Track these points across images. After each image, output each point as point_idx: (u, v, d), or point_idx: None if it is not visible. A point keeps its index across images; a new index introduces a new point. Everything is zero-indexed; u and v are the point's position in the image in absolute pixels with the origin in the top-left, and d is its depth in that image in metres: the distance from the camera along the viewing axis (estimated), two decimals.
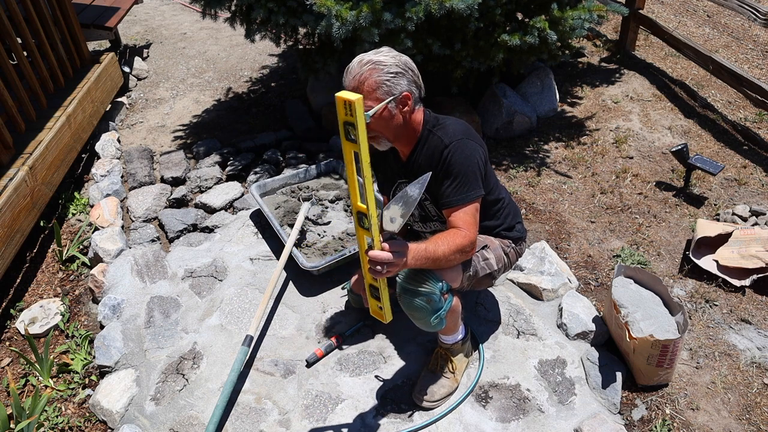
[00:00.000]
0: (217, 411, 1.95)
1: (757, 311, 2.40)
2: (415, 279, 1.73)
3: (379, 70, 1.63)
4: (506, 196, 2.06)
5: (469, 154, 1.72)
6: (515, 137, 3.63)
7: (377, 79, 1.63)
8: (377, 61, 1.63)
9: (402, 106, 1.70)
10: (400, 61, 1.66)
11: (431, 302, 1.74)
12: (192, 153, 3.62)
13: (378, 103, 1.64)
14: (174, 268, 2.66)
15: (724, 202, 3.02)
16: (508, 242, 2.04)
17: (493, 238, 2.02)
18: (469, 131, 1.80)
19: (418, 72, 1.72)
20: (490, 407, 2.01)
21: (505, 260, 2.02)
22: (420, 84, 1.74)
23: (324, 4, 2.72)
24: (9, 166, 2.75)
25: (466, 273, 1.86)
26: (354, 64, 1.66)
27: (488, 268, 1.94)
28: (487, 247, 1.96)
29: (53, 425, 2.07)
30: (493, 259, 1.96)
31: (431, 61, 3.35)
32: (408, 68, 1.68)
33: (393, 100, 1.66)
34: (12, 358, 2.38)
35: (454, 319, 1.94)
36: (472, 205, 1.74)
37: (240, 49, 5.12)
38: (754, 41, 4.69)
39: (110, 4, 4.50)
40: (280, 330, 2.34)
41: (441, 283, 1.74)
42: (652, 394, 2.09)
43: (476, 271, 1.91)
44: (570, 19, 3.07)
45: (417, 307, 1.74)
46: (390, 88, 1.65)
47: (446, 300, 1.78)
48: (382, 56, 1.65)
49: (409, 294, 1.74)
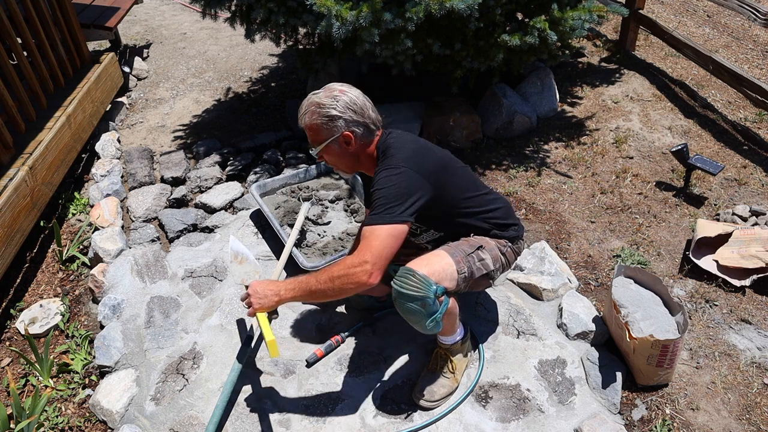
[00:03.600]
0: (217, 411, 1.95)
1: (757, 311, 2.40)
2: (409, 283, 1.71)
3: (318, 114, 1.78)
4: (493, 198, 2.02)
5: (391, 183, 1.71)
6: (515, 137, 3.63)
7: (317, 122, 1.79)
8: (318, 104, 1.78)
9: (346, 145, 1.82)
10: (339, 104, 1.76)
11: (426, 306, 1.73)
12: (192, 153, 3.62)
13: (321, 142, 1.81)
14: (174, 268, 2.66)
15: (724, 202, 3.02)
16: (504, 242, 2.02)
17: (489, 239, 2.00)
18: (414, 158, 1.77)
19: (363, 108, 1.80)
20: (490, 407, 2.01)
21: (503, 260, 2.01)
22: (366, 120, 1.81)
23: (324, 4, 2.72)
24: (9, 166, 2.75)
25: (461, 275, 1.85)
26: (304, 103, 1.82)
27: (484, 268, 1.92)
28: (483, 247, 1.95)
29: (53, 425, 2.07)
30: (489, 260, 1.95)
31: (431, 61, 3.35)
32: (348, 109, 1.77)
33: (334, 141, 1.80)
34: (12, 358, 2.38)
35: (451, 320, 1.93)
36: (379, 226, 1.67)
37: (240, 49, 5.12)
38: (754, 41, 4.69)
39: (110, 4, 4.50)
40: (280, 330, 2.34)
41: (435, 287, 1.73)
42: (652, 394, 2.09)
43: (472, 272, 1.89)
44: (570, 20, 3.07)
45: (412, 310, 1.74)
46: (329, 130, 1.79)
47: (442, 303, 1.77)
48: (324, 98, 1.78)
49: (404, 298, 1.72)
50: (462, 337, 2.06)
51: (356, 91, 1.84)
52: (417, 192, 1.74)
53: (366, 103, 1.84)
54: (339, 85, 1.84)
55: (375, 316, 2.36)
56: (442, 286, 1.76)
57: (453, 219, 1.97)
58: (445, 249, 1.89)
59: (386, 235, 1.65)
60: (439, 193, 1.82)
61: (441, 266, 1.79)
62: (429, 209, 1.81)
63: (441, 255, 1.84)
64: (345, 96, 1.79)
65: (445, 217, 1.97)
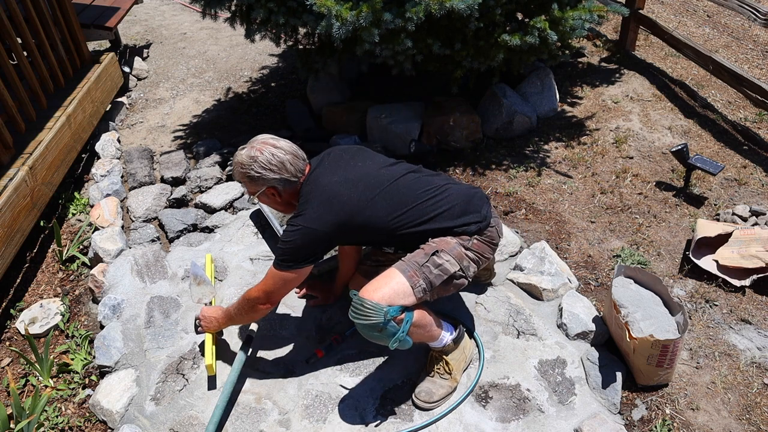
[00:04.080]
0: (217, 411, 1.95)
1: (757, 311, 2.40)
2: (360, 311, 1.75)
3: (241, 173, 1.93)
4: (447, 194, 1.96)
5: (289, 239, 1.86)
6: (515, 137, 3.64)
7: (242, 180, 1.96)
8: (240, 164, 1.92)
9: (273, 195, 1.97)
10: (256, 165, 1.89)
11: (383, 330, 1.75)
12: (192, 153, 3.62)
13: (253, 194, 1.98)
14: (174, 268, 2.66)
15: (724, 202, 3.02)
16: (466, 237, 1.95)
17: (449, 238, 1.94)
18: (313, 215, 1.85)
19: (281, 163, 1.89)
20: (490, 407, 2.01)
21: (470, 255, 1.95)
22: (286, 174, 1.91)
23: (324, 4, 2.72)
24: (9, 166, 2.75)
25: (417, 288, 1.82)
26: (235, 159, 1.95)
27: (444, 273, 1.87)
28: (439, 251, 1.89)
29: (53, 425, 2.07)
30: (449, 262, 1.89)
31: (431, 61, 3.35)
32: (264, 169, 1.89)
33: (262, 194, 1.96)
34: (12, 358, 2.38)
35: (424, 331, 1.90)
36: (275, 272, 1.89)
37: (240, 49, 5.12)
38: (754, 41, 4.69)
39: (110, 4, 4.50)
40: (280, 330, 2.34)
41: (386, 310, 1.73)
42: (652, 394, 2.09)
43: (430, 282, 1.85)
44: (570, 20, 3.07)
45: (372, 336, 1.79)
46: (254, 187, 1.95)
47: (402, 322, 1.78)
48: (246, 157, 1.90)
49: (360, 327, 1.78)
50: (453, 337, 2.04)
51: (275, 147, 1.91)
52: (313, 247, 1.87)
53: (284, 156, 1.90)
54: (260, 142, 1.92)
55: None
56: (396, 306, 1.76)
57: (392, 237, 1.94)
58: (398, 266, 1.87)
59: (278, 279, 1.90)
60: (353, 231, 1.89)
61: (391, 288, 1.79)
62: (354, 239, 1.98)
63: (391, 275, 1.84)
64: (262, 156, 1.89)
65: (386, 238, 1.98)
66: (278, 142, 1.93)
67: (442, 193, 1.98)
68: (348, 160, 1.99)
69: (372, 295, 1.76)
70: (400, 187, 1.94)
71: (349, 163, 1.98)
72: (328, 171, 1.95)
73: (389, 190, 1.92)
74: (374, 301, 1.74)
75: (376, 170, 1.96)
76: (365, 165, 1.98)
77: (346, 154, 2.03)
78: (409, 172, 2.00)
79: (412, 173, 2.01)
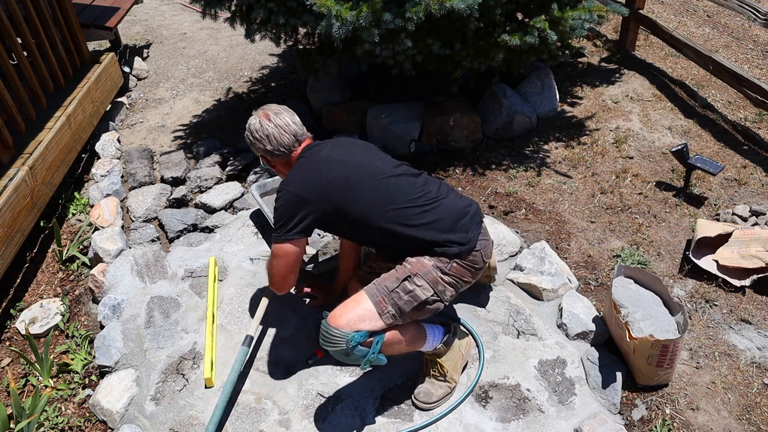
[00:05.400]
0: (217, 411, 1.95)
1: (757, 311, 2.40)
2: (326, 338, 1.78)
3: (245, 138, 2.06)
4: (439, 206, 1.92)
5: (279, 205, 1.92)
6: (515, 137, 3.63)
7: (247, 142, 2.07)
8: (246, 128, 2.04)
9: (267, 160, 2.07)
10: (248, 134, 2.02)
11: (351, 355, 1.77)
12: (192, 153, 3.62)
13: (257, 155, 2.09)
14: (174, 268, 2.66)
15: (724, 202, 3.02)
16: (446, 259, 1.87)
17: (426, 260, 1.88)
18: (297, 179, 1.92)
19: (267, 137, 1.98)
20: (490, 407, 2.01)
21: (446, 280, 1.87)
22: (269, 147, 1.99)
23: (324, 4, 2.72)
24: (9, 166, 2.75)
25: (385, 314, 1.81)
26: None
27: (414, 300, 1.83)
28: (412, 276, 1.85)
29: (53, 425, 2.07)
30: (421, 288, 1.84)
31: (431, 61, 3.35)
32: (254, 138, 2.00)
33: (260, 158, 2.09)
34: (12, 358, 2.38)
35: (401, 346, 1.88)
36: (274, 246, 1.93)
37: (240, 49, 5.12)
38: (754, 41, 4.69)
39: (110, 4, 4.50)
40: (280, 330, 2.34)
41: (350, 335, 1.74)
42: (652, 394, 2.09)
43: (399, 308, 1.82)
44: (570, 20, 3.07)
45: (342, 359, 1.82)
46: (254, 149, 2.06)
47: (371, 344, 1.78)
48: (249, 125, 2.02)
49: (329, 353, 1.83)
50: (443, 339, 2.02)
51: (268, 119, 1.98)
52: (299, 212, 1.88)
53: (270, 130, 1.97)
54: (262, 110, 2.02)
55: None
56: (362, 331, 1.76)
57: (375, 234, 1.91)
58: (368, 290, 1.86)
59: (275, 254, 1.93)
60: (336, 209, 1.88)
61: (356, 313, 1.79)
62: (332, 224, 1.96)
63: (360, 299, 1.84)
64: (253, 125, 2.00)
65: (364, 233, 1.94)
66: (275, 115, 1.99)
67: (433, 202, 1.92)
68: (351, 147, 2.02)
69: (337, 321, 1.77)
70: (391, 184, 1.92)
71: (351, 150, 1.99)
72: (327, 148, 1.98)
73: (380, 183, 1.91)
74: (339, 328, 1.75)
75: (374, 163, 1.96)
76: (366, 155, 1.98)
77: (353, 143, 2.05)
78: (407, 175, 1.97)
79: (411, 176, 1.97)
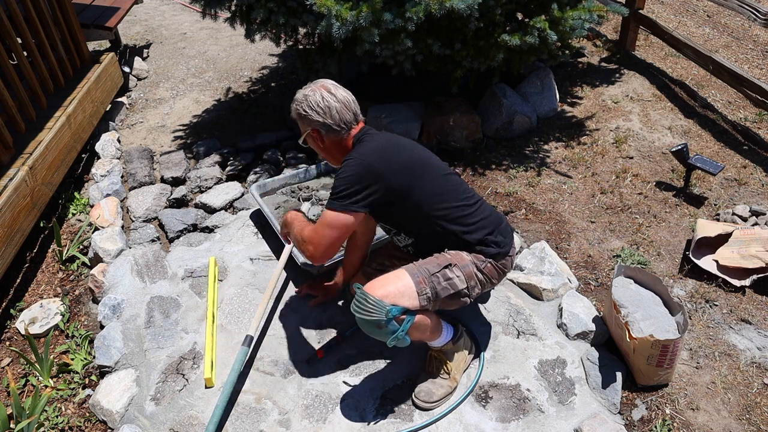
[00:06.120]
0: (217, 411, 1.95)
1: (757, 311, 2.40)
2: (363, 306, 1.75)
3: (294, 109, 1.96)
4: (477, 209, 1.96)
5: (349, 173, 1.83)
6: (515, 137, 3.64)
7: (294, 115, 1.98)
8: (296, 99, 1.95)
9: (317, 139, 1.97)
10: (304, 105, 1.92)
11: (383, 327, 1.75)
12: (192, 153, 3.62)
13: (302, 133, 1.99)
14: (174, 268, 2.66)
15: (724, 202, 3.02)
16: (482, 257, 1.93)
17: (465, 254, 1.92)
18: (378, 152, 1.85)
19: (327, 110, 1.89)
20: (490, 407, 2.01)
21: (479, 277, 1.92)
22: (328, 122, 1.90)
23: (324, 4, 2.72)
24: (9, 166, 2.75)
25: (423, 295, 1.81)
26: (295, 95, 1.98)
27: (451, 288, 1.86)
28: (452, 265, 1.88)
29: (53, 425, 2.07)
30: (459, 278, 1.87)
31: (431, 61, 3.35)
32: (311, 110, 1.90)
33: (308, 135, 1.98)
34: (12, 358, 2.38)
35: (422, 332, 1.89)
36: (327, 212, 1.84)
37: (240, 49, 5.12)
38: (754, 41, 4.69)
39: (110, 4, 4.50)
40: (280, 330, 2.34)
41: (389, 308, 1.73)
42: (652, 394, 2.09)
43: (437, 293, 1.84)
44: (570, 19, 3.07)
45: (371, 331, 1.79)
46: (303, 125, 1.97)
47: (403, 322, 1.77)
48: (301, 95, 1.94)
49: (360, 322, 1.79)
50: (452, 337, 2.04)
51: (329, 92, 1.91)
52: (370, 184, 1.82)
53: (333, 105, 1.90)
54: (319, 84, 1.94)
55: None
56: (399, 306, 1.76)
57: (423, 225, 1.93)
58: (407, 269, 1.86)
59: (330, 224, 1.83)
60: (402, 190, 1.85)
61: (397, 287, 1.79)
62: (391, 206, 1.88)
63: (400, 276, 1.83)
64: (313, 96, 1.91)
65: (414, 221, 1.94)
66: (336, 89, 1.93)
67: (477, 204, 1.99)
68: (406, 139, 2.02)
69: (377, 291, 1.76)
70: (447, 182, 1.95)
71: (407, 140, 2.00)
72: (387, 134, 1.98)
73: (440, 178, 1.93)
74: (378, 297, 1.74)
75: (432, 159, 1.99)
76: (424, 151, 2.00)
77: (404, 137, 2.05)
78: (455, 175, 2.02)
79: (458, 177, 2.03)
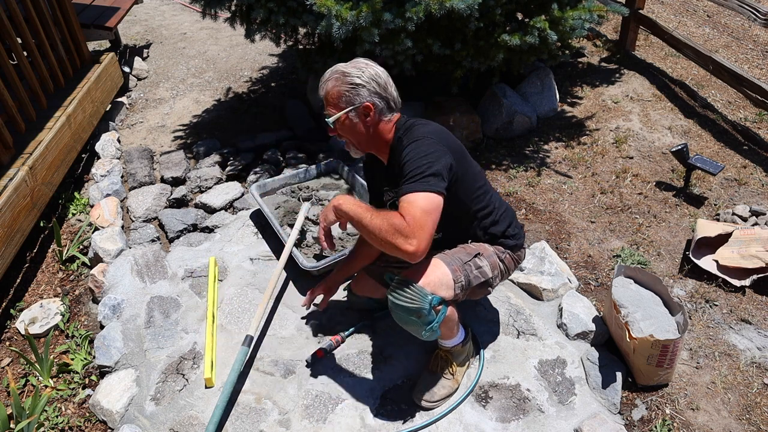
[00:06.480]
0: (217, 411, 1.95)
1: (757, 311, 2.40)
2: (404, 294, 1.72)
3: (341, 81, 1.75)
4: (498, 202, 1.99)
5: (424, 153, 1.67)
6: (515, 137, 3.64)
7: (339, 89, 1.76)
8: (343, 72, 1.76)
9: (364, 117, 1.79)
10: (364, 74, 1.75)
11: (422, 316, 1.73)
12: (192, 153, 3.62)
13: (341, 110, 1.77)
14: (174, 268, 2.66)
15: (724, 202, 3.02)
16: (502, 249, 1.98)
17: (487, 245, 1.97)
18: (439, 134, 1.77)
19: (386, 84, 1.79)
20: (490, 407, 2.01)
21: (501, 267, 1.97)
22: (388, 96, 1.80)
23: (324, 4, 2.72)
24: (9, 166, 2.75)
25: (458, 284, 1.82)
26: (326, 73, 1.79)
27: (482, 276, 1.90)
28: (480, 254, 1.92)
29: (53, 425, 2.07)
30: (487, 267, 1.91)
31: (431, 61, 3.35)
32: (372, 80, 1.76)
33: (353, 110, 1.77)
34: (12, 358, 2.38)
35: (449, 326, 1.91)
36: (420, 194, 1.60)
37: (240, 49, 5.12)
38: (754, 41, 4.69)
39: (110, 4, 4.51)
40: (280, 330, 2.34)
41: (431, 297, 1.72)
42: (652, 394, 2.09)
43: (469, 281, 1.86)
44: (570, 19, 3.07)
45: (408, 321, 1.76)
46: (350, 99, 1.76)
47: (439, 312, 1.77)
48: (350, 68, 1.76)
49: (400, 309, 1.74)
50: (463, 339, 2.05)
51: (381, 68, 1.82)
52: (449, 164, 1.70)
53: (389, 80, 1.81)
54: (365, 60, 1.81)
55: (375, 316, 2.36)
56: (438, 296, 1.75)
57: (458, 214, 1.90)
58: (441, 258, 1.86)
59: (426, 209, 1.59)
60: (457, 175, 1.75)
61: (437, 276, 1.78)
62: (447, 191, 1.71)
63: (437, 264, 1.82)
64: (370, 69, 1.77)
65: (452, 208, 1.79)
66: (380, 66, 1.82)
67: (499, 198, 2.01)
68: None
69: (417, 279, 1.74)
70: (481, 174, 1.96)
71: None
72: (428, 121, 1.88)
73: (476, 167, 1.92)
74: (419, 284, 1.72)
75: None
76: None
77: None
78: None
79: None
